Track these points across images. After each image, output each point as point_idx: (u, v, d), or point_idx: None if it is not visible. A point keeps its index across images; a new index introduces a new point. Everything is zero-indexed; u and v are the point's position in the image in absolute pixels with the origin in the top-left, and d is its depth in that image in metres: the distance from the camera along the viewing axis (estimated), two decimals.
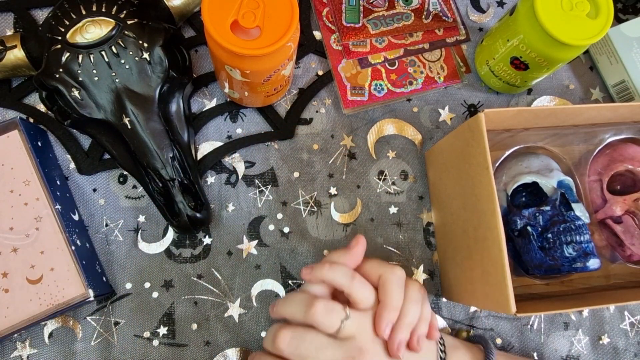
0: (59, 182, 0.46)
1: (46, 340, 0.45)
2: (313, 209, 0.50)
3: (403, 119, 0.52)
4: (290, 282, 0.48)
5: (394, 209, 0.50)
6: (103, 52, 0.43)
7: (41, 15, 0.51)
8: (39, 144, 0.46)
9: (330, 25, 0.53)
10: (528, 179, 0.45)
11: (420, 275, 0.49)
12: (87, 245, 0.46)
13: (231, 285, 0.47)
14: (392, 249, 0.50)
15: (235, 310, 0.47)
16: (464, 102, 0.54)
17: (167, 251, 0.48)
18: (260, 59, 0.40)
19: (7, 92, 0.48)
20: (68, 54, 0.42)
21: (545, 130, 0.46)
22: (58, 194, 0.44)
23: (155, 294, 0.47)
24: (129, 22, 0.43)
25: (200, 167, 0.49)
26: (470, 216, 0.41)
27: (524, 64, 0.47)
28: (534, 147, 0.48)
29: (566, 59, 0.45)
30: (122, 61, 0.43)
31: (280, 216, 0.49)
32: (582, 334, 0.50)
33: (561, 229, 0.42)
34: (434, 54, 0.54)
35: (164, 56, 0.44)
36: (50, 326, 0.45)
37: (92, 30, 0.42)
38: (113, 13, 0.43)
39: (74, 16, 0.42)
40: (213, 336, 0.46)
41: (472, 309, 0.49)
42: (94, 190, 0.48)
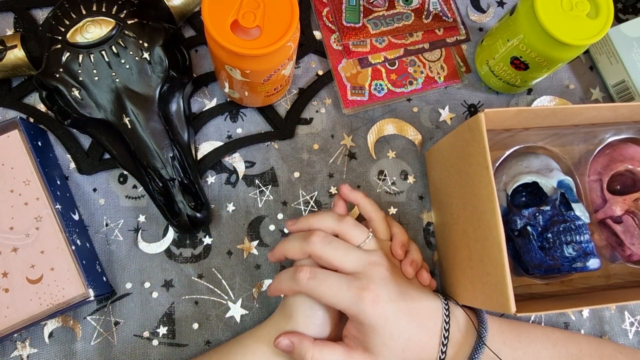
0: (59, 182, 0.46)
1: (46, 340, 0.45)
2: (313, 209, 0.50)
3: (403, 119, 0.52)
4: None
5: (394, 209, 0.50)
6: (103, 52, 0.43)
7: (41, 15, 0.51)
8: (39, 143, 0.46)
9: (330, 25, 0.53)
10: (528, 178, 0.45)
11: None
12: (87, 245, 0.46)
13: (232, 285, 0.47)
14: None
15: (236, 311, 0.47)
16: (464, 102, 0.54)
17: (168, 251, 0.48)
18: (260, 59, 0.40)
19: (7, 92, 0.48)
20: (68, 53, 0.42)
21: (545, 130, 0.46)
22: (58, 193, 0.44)
23: (155, 294, 0.47)
24: (129, 22, 0.43)
25: (200, 167, 0.49)
26: (470, 216, 0.41)
27: (524, 64, 0.47)
28: (534, 147, 0.48)
29: (566, 59, 0.45)
30: (122, 61, 0.43)
31: (280, 216, 0.49)
32: (582, 334, 0.49)
33: (561, 228, 0.42)
34: (434, 54, 0.54)
35: (164, 56, 0.44)
36: (50, 326, 0.45)
37: (92, 30, 0.42)
38: (113, 13, 0.43)
39: (74, 16, 0.42)
40: (214, 336, 0.46)
41: None
42: (94, 190, 0.48)
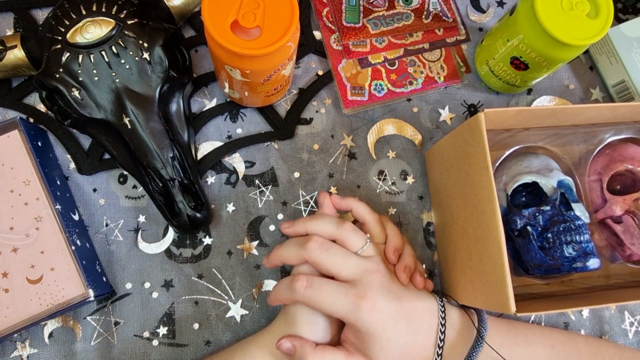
0: (59, 182, 0.46)
1: (46, 340, 0.45)
2: (313, 209, 0.50)
3: (403, 119, 0.52)
4: None
5: (393, 209, 0.50)
6: (103, 52, 0.43)
7: (41, 15, 0.51)
8: (39, 144, 0.46)
9: (330, 25, 0.53)
10: (528, 178, 0.45)
11: None
12: (87, 245, 0.46)
13: (232, 285, 0.47)
14: None
15: (236, 311, 0.47)
16: (464, 102, 0.54)
17: (168, 251, 0.48)
18: (260, 59, 0.40)
19: (7, 92, 0.48)
20: (68, 53, 0.42)
21: (545, 130, 0.46)
22: (58, 194, 0.44)
23: (155, 294, 0.47)
24: (129, 22, 0.43)
25: (200, 167, 0.49)
26: (470, 216, 0.41)
27: (524, 64, 0.47)
28: (534, 147, 0.48)
29: (566, 59, 0.45)
30: (122, 61, 0.43)
31: (280, 216, 0.49)
32: (582, 334, 0.50)
33: (561, 228, 0.42)
34: (434, 54, 0.54)
35: (164, 56, 0.44)
36: (50, 326, 0.45)
37: (92, 30, 0.42)
38: (113, 13, 0.43)
39: (74, 16, 0.42)
40: (214, 336, 0.46)
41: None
42: (94, 190, 0.48)
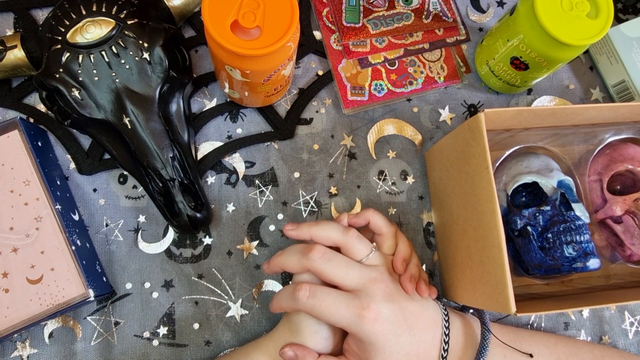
0: (59, 182, 0.46)
1: (46, 340, 0.45)
2: (313, 209, 0.50)
3: (403, 119, 0.52)
4: (290, 281, 0.48)
5: (393, 209, 0.50)
6: (103, 52, 0.43)
7: (41, 15, 0.51)
8: (39, 144, 0.46)
9: (330, 25, 0.53)
10: (528, 179, 0.45)
11: None
12: (87, 245, 0.46)
13: (232, 285, 0.47)
14: None
15: (236, 311, 0.47)
16: (464, 102, 0.54)
17: (168, 251, 0.48)
18: (260, 59, 0.40)
19: (7, 92, 0.48)
20: (68, 54, 0.42)
21: (545, 130, 0.46)
22: (58, 194, 0.44)
23: (156, 294, 0.47)
24: (129, 22, 0.43)
25: (200, 167, 0.49)
26: (470, 216, 0.41)
27: (524, 64, 0.47)
28: (534, 147, 0.48)
29: (566, 59, 0.45)
30: (122, 61, 0.43)
31: (280, 216, 0.49)
32: (583, 334, 0.50)
33: (561, 229, 0.42)
34: (434, 54, 0.54)
35: (164, 56, 0.44)
36: (50, 326, 0.45)
37: (92, 30, 0.42)
38: (113, 13, 0.43)
39: (74, 16, 0.42)
40: (214, 336, 0.46)
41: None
42: (94, 190, 0.48)
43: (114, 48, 0.43)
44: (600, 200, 0.48)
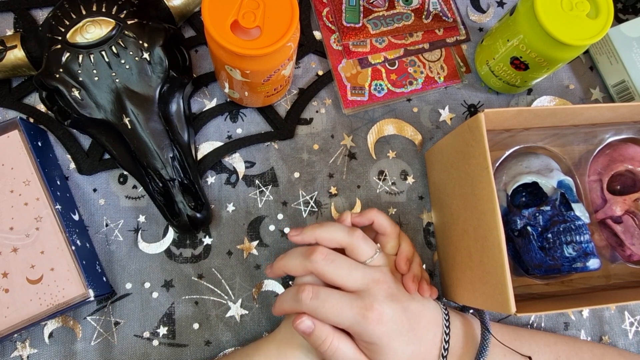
0: (59, 182, 0.46)
1: (46, 340, 0.45)
2: (313, 209, 0.50)
3: (403, 119, 0.52)
4: (290, 282, 0.48)
5: (393, 209, 0.50)
6: (103, 52, 0.43)
7: (41, 15, 0.51)
8: (39, 144, 0.46)
9: (330, 25, 0.53)
10: (528, 179, 0.45)
11: None
12: (87, 245, 0.46)
13: (232, 285, 0.47)
14: None
15: (236, 311, 0.47)
16: (464, 102, 0.54)
17: (168, 251, 0.48)
18: (260, 59, 0.40)
19: (7, 92, 0.48)
20: (68, 54, 0.42)
21: (545, 130, 0.46)
22: (58, 194, 0.44)
23: (155, 294, 0.47)
24: (129, 22, 0.43)
25: (200, 167, 0.49)
26: (470, 216, 0.41)
27: (524, 64, 0.47)
28: (534, 147, 0.48)
29: (566, 59, 0.45)
30: (122, 61, 0.43)
31: (280, 216, 0.49)
32: (583, 334, 0.50)
33: (561, 229, 0.42)
34: (434, 54, 0.54)
35: (164, 56, 0.44)
36: (50, 326, 0.45)
37: (92, 30, 0.42)
38: (113, 13, 0.43)
39: (74, 16, 0.42)
40: (214, 336, 0.46)
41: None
42: (94, 190, 0.48)
43: (114, 48, 0.43)
44: (600, 200, 0.48)
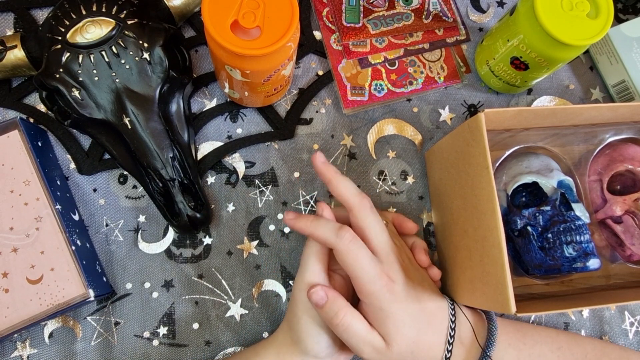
0: (59, 182, 0.46)
1: (46, 340, 0.45)
2: (313, 209, 0.50)
3: (403, 119, 0.52)
4: (290, 282, 0.48)
5: (393, 209, 0.50)
6: (103, 52, 0.43)
7: (41, 15, 0.51)
8: (39, 144, 0.46)
9: (330, 25, 0.53)
10: (528, 179, 0.45)
11: None
12: (87, 245, 0.46)
13: (232, 285, 0.47)
14: None
15: (236, 311, 0.47)
16: (464, 102, 0.54)
17: (168, 251, 0.48)
18: (260, 59, 0.40)
19: (7, 92, 0.48)
20: (68, 54, 0.42)
21: (545, 130, 0.46)
22: (58, 194, 0.44)
23: (156, 294, 0.47)
24: (129, 22, 0.43)
25: (200, 167, 0.49)
26: (470, 216, 0.41)
27: (524, 64, 0.47)
28: (534, 147, 0.48)
29: (566, 59, 0.45)
30: (122, 61, 0.43)
31: (280, 216, 0.49)
32: (583, 334, 0.50)
33: (561, 229, 0.42)
34: (434, 54, 0.54)
35: (164, 56, 0.44)
36: (50, 326, 0.45)
37: (92, 30, 0.42)
38: (113, 13, 0.43)
39: (74, 16, 0.42)
40: (214, 336, 0.46)
41: None
42: (94, 190, 0.48)
43: (114, 48, 0.43)
44: (600, 200, 0.48)
